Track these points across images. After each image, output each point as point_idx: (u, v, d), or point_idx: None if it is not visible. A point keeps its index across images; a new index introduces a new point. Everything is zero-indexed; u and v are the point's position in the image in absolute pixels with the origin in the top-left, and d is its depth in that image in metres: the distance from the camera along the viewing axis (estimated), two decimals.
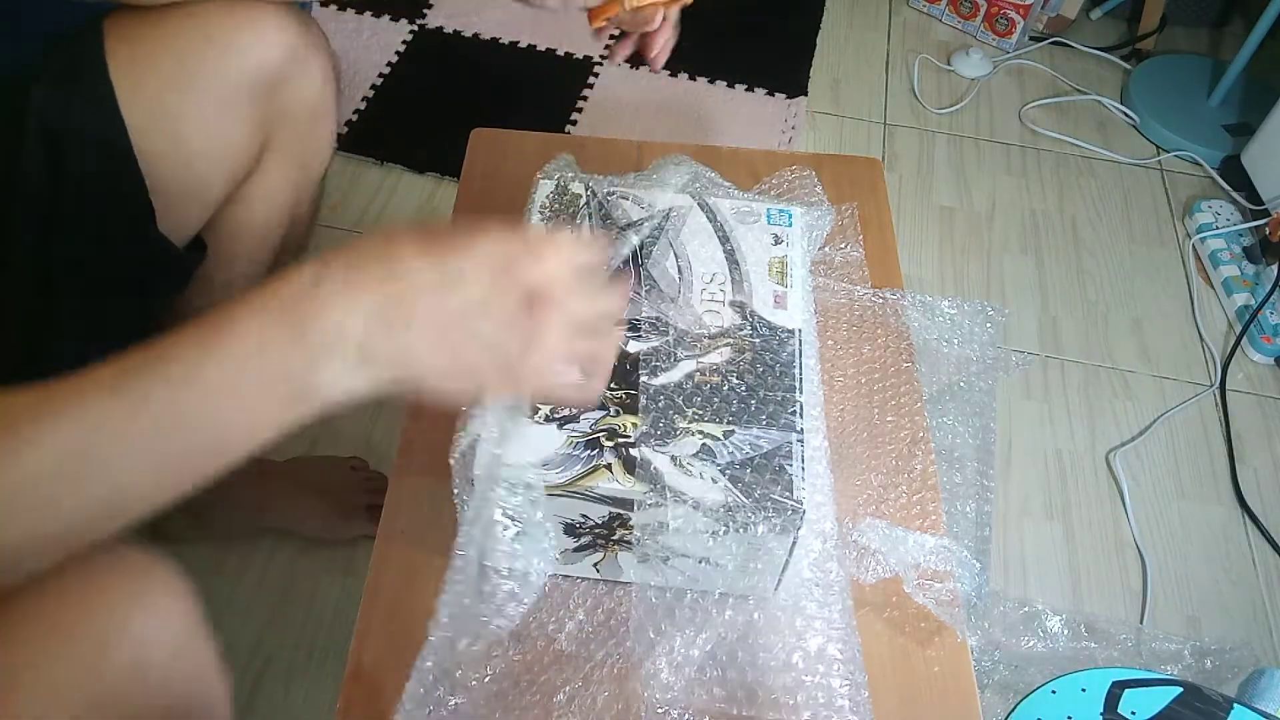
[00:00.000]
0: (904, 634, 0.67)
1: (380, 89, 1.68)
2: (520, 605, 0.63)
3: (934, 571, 0.68)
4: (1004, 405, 1.34)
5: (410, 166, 1.56)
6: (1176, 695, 0.68)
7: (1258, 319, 1.42)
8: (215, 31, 0.76)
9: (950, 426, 0.82)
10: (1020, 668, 1.00)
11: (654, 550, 0.61)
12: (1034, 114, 1.78)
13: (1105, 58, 1.89)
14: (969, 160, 1.69)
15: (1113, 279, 1.53)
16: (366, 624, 0.65)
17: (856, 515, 0.71)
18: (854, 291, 0.84)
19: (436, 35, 1.78)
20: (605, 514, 0.59)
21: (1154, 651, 1.09)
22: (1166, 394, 1.38)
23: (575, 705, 0.61)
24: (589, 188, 0.75)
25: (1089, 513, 1.24)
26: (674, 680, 0.61)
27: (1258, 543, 1.23)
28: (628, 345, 0.65)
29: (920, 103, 1.78)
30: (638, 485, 0.58)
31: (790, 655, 0.62)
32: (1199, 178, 1.70)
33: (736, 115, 1.69)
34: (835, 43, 1.88)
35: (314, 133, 0.88)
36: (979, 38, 1.92)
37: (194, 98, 0.76)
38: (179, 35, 0.75)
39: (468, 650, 0.61)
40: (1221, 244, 1.53)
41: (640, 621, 0.64)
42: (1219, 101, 1.74)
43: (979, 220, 1.60)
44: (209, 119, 0.77)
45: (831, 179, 0.92)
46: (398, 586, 0.67)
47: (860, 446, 0.75)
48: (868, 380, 0.79)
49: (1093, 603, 1.16)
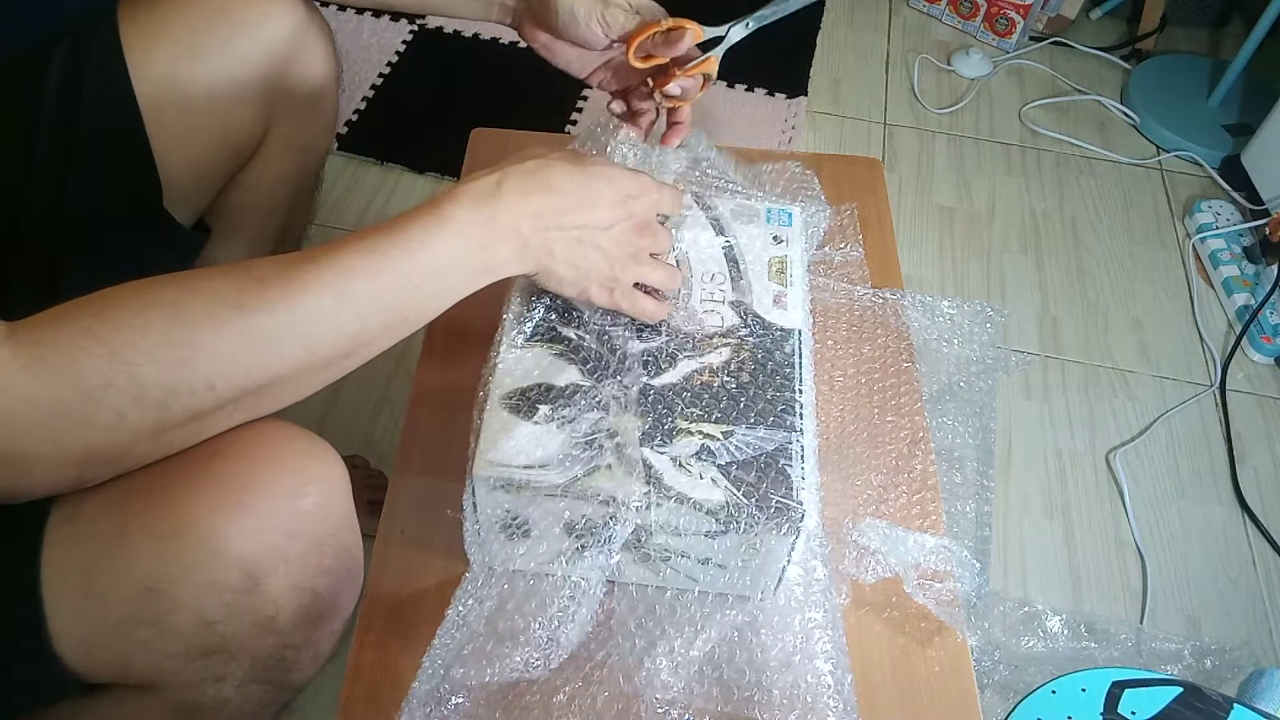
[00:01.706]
0: (904, 634, 0.67)
1: (380, 89, 1.68)
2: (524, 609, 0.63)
3: (934, 571, 0.68)
4: (1004, 405, 1.34)
5: (410, 166, 1.56)
6: (1176, 695, 0.68)
7: (1258, 319, 1.42)
8: (229, 6, 0.77)
9: (950, 426, 0.82)
10: (1020, 668, 1.00)
11: (654, 550, 0.61)
12: (1034, 114, 1.78)
13: (1105, 58, 1.89)
14: (969, 160, 1.69)
15: (1113, 279, 1.53)
16: (366, 624, 0.65)
17: (856, 515, 0.71)
18: (854, 291, 0.84)
19: (436, 35, 1.78)
20: (605, 514, 0.59)
21: (1154, 651, 1.09)
22: (1166, 394, 1.38)
23: (575, 705, 0.61)
24: None
25: (1089, 513, 1.24)
26: (674, 680, 0.61)
27: (1258, 543, 1.23)
28: (628, 346, 0.65)
29: (920, 103, 1.78)
30: (638, 485, 0.58)
31: (786, 654, 0.62)
32: (1199, 178, 1.70)
33: (736, 115, 1.69)
34: (835, 43, 1.89)
35: (316, 115, 0.89)
36: (979, 38, 1.92)
37: (204, 70, 0.77)
38: (191, 8, 0.77)
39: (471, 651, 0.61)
40: (1221, 244, 1.53)
41: (640, 621, 0.64)
42: (1219, 101, 1.74)
43: (979, 220, 1.60)
44: (218, 93, 0.78)
45: (831, 179, 0.92)
46: (398, 586, 0.67)
47: (860, 446, 0.75)
48: (868, 380, 0.79)
49: (1093, 603, 1.16)
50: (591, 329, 0.66)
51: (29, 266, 0.75)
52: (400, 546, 0.69)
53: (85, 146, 0.75)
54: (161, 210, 0.80)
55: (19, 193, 0.74)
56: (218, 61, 0.77)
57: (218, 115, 0.80)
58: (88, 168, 0.75)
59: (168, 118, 0.77)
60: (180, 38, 0.76)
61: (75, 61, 0.74)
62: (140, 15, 0.76)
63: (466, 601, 0.62)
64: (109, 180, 0.76)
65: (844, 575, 0.68)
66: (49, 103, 0.74)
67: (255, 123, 0.83)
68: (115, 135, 0.76)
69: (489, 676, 0.59)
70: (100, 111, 0.75)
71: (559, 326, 0.66)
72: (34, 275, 0.76)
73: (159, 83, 0.76)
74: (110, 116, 0.75)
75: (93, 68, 0.74)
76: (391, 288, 0.54)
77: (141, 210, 0.79)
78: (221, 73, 0.78)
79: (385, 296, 0.54)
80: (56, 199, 0.75)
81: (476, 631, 0.61)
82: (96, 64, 0.74)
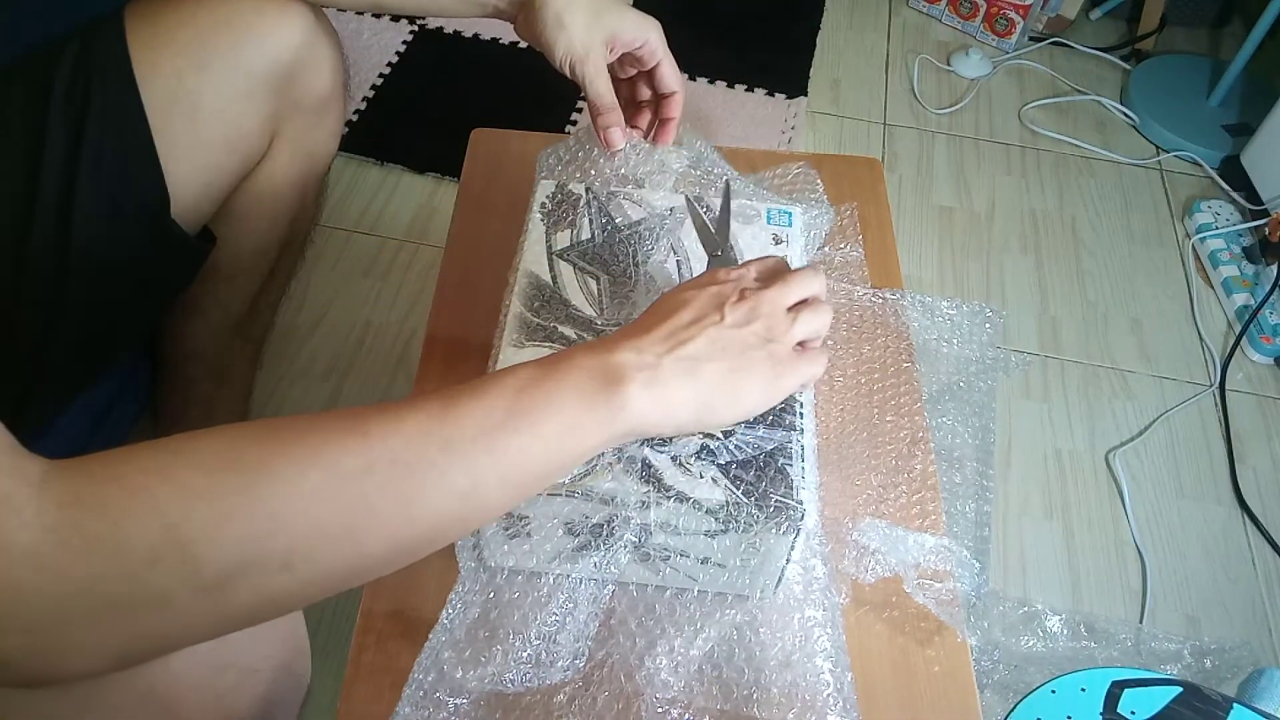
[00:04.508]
0: (904, 634, 0.67)
1: (380, 89, 1.68)
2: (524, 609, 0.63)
3: (934, 571, 0.68)
4: (1004, 405, 1.34)
5: (410, 166, 1.56)
6: (1176, 695, 0.68)
7: (1257, 319, 1.42)
8: (234, 17, 0.77)
9: (950, 426, 0.82)
10: (1020, 667, 1.00)
11: (654, 549, 0.61)
12: (1034, 114, 1.78)
13: (1105, 58, 1.89)
14: (969, 160, 1.69)
15: (1112, 279, 1.53)
16: (366, 624, 0.65)
17: (856, 515, 0.71)
18: (854, 291, 0.84)
19: (436, 35, 1.78)
20: (605, 514, 0.59)
21: (1153, 651, 1.09)
22: (1166, 394, 1.38)
23: (575, 705, 0.61)
24: (589, 188, 0.75)
25: (1089, 512, 1.24)
26: (674, 680, 0.61)
27: (1257, 543, 1.23)
28: None
29: (920, 103, 1.78)
30: (638, 485, 0.58)
31: (786, 653, 0.62)
32: (1199, 178, 1.70)
33: (736, 115, 1.69)
34: (835, 43, 1.89)
35: (323, 124, 0.89)
36: (979, 38, 1.92)
37: (211, 80, 0.77)
38: (198, 17, 0.76)
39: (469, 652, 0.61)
40: (1221, 244, 1.53)
41: (640, 621, 0.64)
42: (1219, 101, 1.74)
43: (979, 220, 1.60)
44: (225, 103, 0.78)
45: (831, 179, 0.92)
46: (398, 586, 0.67)
47: (860, 446, 0.75)
48: (867, 380, 0.79)
49: (1092, 602, 1.16)
50: (591, 329, 0.66)
51: (36, 277, 0.75)
52: None
53: (92, 157, 0.74)
54: (169, 220, 0.80)
55: (27, 203, 0.73)
56: (224, 72, 0.77)
57: (225, 125, 0.79)
58: (95, 178, 0.74)
59: (175, 128, 0.76)
60: (187, 48, 0.76)
61: (82, 72, 0.74)
62: (147, 25, 0.75)
63: (458, 605, 0.62)
64: (116, 190, 0.76)
65: (844, 575, 0.68)
66: (56, 113, 0.73)
67: (262, 132, 0.83)
68: (122, 145, 0.75)
69: (487, 679, 0.59)
70: (107, 121, 0.74)
71: (559, 326, 0.66)
72: (41, 286, 0.76)
73: (166, 93, 0.75)
74: (117, 126, 0.75)
75: (99, 78, 0.74)
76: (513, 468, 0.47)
77: (148, 220, 0.79)
78: (228, 83, 0.77)
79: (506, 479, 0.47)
80: (64, 210, 0.74)
81: (474, 635, 0.61)
82: (103, 74, 0.74)
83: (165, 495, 0.38)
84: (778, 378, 0.55)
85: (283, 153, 0.87)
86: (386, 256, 1.44)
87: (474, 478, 0.45)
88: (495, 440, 0.45)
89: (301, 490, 0.41)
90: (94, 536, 0.37)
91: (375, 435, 0.43)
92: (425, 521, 0.45)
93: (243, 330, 1.05)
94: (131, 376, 1.05)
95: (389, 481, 0.42)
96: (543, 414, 0.47)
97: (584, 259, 0.70)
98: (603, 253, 0.70)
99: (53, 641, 0.38)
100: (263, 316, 1.08)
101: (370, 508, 0.42)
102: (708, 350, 0.52)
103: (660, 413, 0.51)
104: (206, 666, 0.48)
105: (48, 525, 0.36)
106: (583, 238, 0.71)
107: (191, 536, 0.38)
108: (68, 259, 0.75)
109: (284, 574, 0.41)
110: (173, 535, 0.38)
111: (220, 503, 0.39)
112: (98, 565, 0.37)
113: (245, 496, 0.40)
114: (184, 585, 0.38)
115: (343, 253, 1.44)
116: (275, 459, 0.41)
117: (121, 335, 0.88)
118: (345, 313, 1.37)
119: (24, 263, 0.74)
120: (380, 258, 1.44)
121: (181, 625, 0.40)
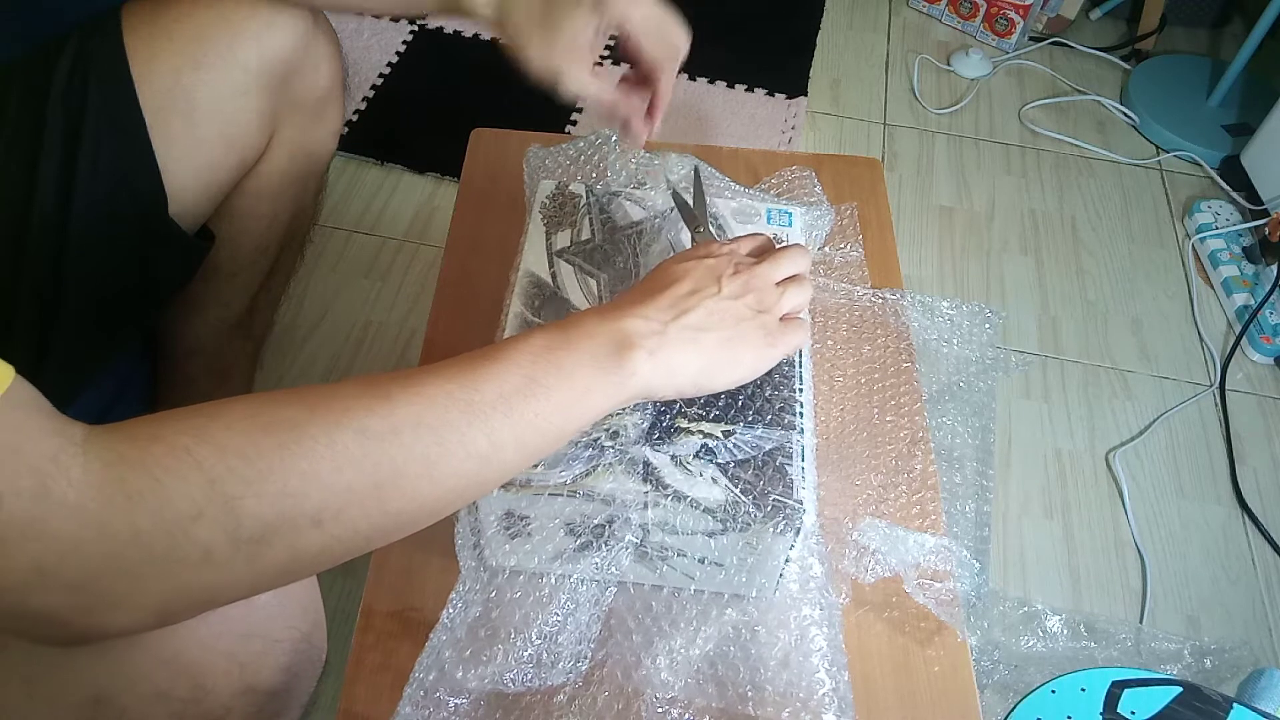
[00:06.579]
0: (904, 634, 0.67)
1: (380, 89, 1.68)
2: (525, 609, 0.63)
3: (934, 571, 0.68)
4: (1004, 405, 1.34)
5: (410, 166, 1.56)
6: (1176, 695, 0.68)
7: (1257, 319, 1.42)
8: (231, 14, 0.77)
9: (950, 426, 0.82)
10: (1020, 667, 1.00)
11: (653, 549, 0.61)
12: (1034, 114, 1.78)
13: (1105, 58, 1.89)
14: (969, 160, 1.69)
15: (1112, 279, 1.53)
16: (366, 624, 0.65)
17: (856, 515, 0.71)
18: (854, 291, 0.84)
19: (436, 35, 1.78)
20: (605, 514, 0.59)
21: (1153, 651, 1.09)
22: (1166, 394, 1.38)
23: (575, 705, 0.61)
24: (589, 188, 0.75)
25: (1089, 512, 1.24)
26: (673, 679, 0.61)
27: (1257, 543, 1.23)
28: None
29: (920, 103, 1.78)
30: (638, 485, 0.58)
31: (784, 652, 0.62)
32: (1199, 178, 1.70)
33: (736, 115, 1.69)
34: (835, 43, 1.89)
35: (322, 122, 0.89)
36: (979, 38, 1.92)
37: (208, 78, 0.77)
38: (194, 15, 0.76)
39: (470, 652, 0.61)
40: (1221, 244, 1.53)
41: (639, 620, 0.64)
42: (1219, 101, 1.74)
43: (979, 220, 1.60)
44: (222, 101, 0.78)
45: (831, 179, 0.92)
46: (398, 586, 0.67)
47: (860, 446, 0.75)
48: (867, 380, 0.79)
49: (1092, 602, 1.16)
50: None
51: (34, 275, 0.75)
52: (400, 546, 0.69)
53: (89, 155, 0.74)
54: (167, 219, 0.80)
55: (24, 203, 0.73)
56: (221, 69, 0.77)
57: (222, 123, 0.79)
58: (92, 177, 0.74)
59: (172, 127, 0.76)
60: (184, 46, 0.76)
61: (79, 70, 0.74)
62: (144, 24, 0.75)
63: (459, 604, 0.62)
64: (114, 189, 0.76)
65: (844, 575, 0.68)
66: (53, 111, 0.73)
67: (260, 131, 0.83)
68: (120, 144, 0.75)
69: (488, 679, 0.59)
70: (104, 120, 0.74)
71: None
72: (39, 285, 0.76)
73: (163, 92, 0.75)
74: (115, 125, 0.75)
75: (96, 76, 0.74)
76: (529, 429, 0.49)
77: (146, 219, 0.79)
78: (225, 81, 0.77)
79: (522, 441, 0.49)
80: (61, 209, 0.74)
81: (475, 634, 0.61)
82: (100, 73, 0.74)
83: (205, 454, 0.40)
84: (769, 346, 0.58)
85: (281, 151, 0.87)
86: (386, 256, 1.44)
87: (492, 440, 0.47)
88: (513, 404, 0.48)
89: (332, 451, 0.42)
90: (138, 492, 0.38)
91: (399, 399, 0.45)
92: (446, 482, 0.46)
93: (243, 329, 1.05)
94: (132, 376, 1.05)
95: (415, 443, 0.44)
96: (558, 380, 0.50)
97: (584, 259, 0.70)
98: (603, 253, 0.70)
99: (96, 597, 0.39)
100: (263, 315, 1.08)
101: (396, 469, 0.44)
102: (707, 320, 0.56)
103: (663, 377, 0.54)
104: (233, 635, 0.49)
105: (94, 483, 0.38)
106: (583, 238, 0.71)
107: (233, 492, 0.40)
108: (65, 257, 0.75)
109: (314, 531, 0.42)
110: (216, 490, 0.39)
111: (258, 461, 0.41)
112: (142, 521, 0.38)
113: (279, 455, 0.41)
114: (225, 540, 0.40)
115: (343, 253, 1.44)
116: (307, 421, 0.42)
117: (120, 334, 0.88)
118: (345, 313, 1.37)
119: (21, 261, 0.74)
120: (380, 258, 1.44)
121: (219, 581, 0.41)
